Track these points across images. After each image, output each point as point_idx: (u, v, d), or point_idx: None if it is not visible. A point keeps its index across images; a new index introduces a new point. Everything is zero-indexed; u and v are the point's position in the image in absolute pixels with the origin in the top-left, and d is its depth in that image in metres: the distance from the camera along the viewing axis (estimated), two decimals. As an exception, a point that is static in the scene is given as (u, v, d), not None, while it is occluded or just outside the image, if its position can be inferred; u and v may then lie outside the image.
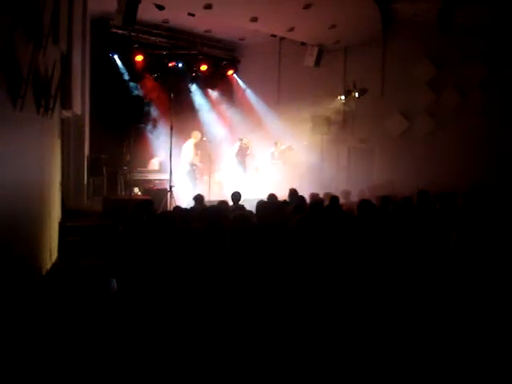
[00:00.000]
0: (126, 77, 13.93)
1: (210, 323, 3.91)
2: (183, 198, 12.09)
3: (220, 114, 15.89)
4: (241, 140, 14.06)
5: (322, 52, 14.46)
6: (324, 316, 3.73)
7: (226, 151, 14.68)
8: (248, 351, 3.64)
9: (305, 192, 9.26)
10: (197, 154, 12.98)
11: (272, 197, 8.24)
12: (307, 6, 11.63)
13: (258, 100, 15.83)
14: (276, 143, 14.58)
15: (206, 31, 14.56)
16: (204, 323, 3.93)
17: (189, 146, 12.76)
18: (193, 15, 12.21)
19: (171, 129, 11.62)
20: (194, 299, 4.17)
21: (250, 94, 16.09)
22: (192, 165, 12.61)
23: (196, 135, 13.09)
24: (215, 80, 15.96)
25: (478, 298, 3.34)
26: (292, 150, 14.60)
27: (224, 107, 16.10)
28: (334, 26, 13.15)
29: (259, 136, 15.02)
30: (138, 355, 3.91)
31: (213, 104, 15.95)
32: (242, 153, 13.97)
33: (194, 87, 15.45)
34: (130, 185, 12.06)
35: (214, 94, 16.08)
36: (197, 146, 13.04)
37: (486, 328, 3.14)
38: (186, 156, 12.62)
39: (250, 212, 6.95)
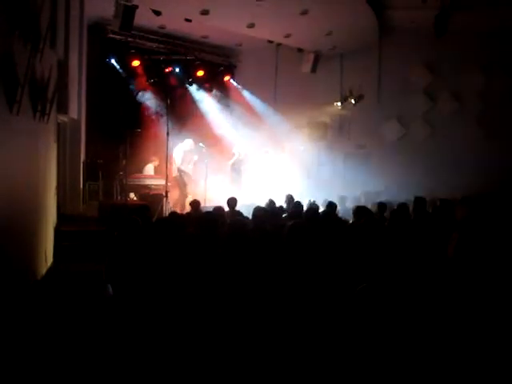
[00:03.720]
0: (123, 82, 13.92)
1: (204, 328, 3.90)
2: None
3: (216, 120, 15.87)
4: (237, 151, 14.07)
5: (318, 58, 14.50)
6: (319, 322, 3.73)
7: (223, 157, 14.67)
8: (241, 356, 3.63)
9: (301, 198, 9.27)
10: (187, 161, 12.90)
11: (271, 203, 8.24)
12: (304, 13, 11.67)
13: (254, 105, 15.83)
14: (267, 151, 14.63)
15: (202, 37, 14.58)
16: (199, 328, 3.92)
17: (178, 151, 12.70)
18: (189, 21, 12.23)
19: (167, 134, 11.60)
20: (190, 304, 4.16)
21: (246, 99, 16.08)
22: (179, 170, 12.53)
23: (187, 143, 13.01)
24: (212, 85, 15.97)
25: (476, 304, 3.33)
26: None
27: (220, 113, 16.10)
28: (330, 33, 13.19)
29: (255, 140, 15.04)
30: (133, 360, 3.89)
31: (209, 109, 15.95)
32: (239, 163, 14.01)
33: (192, 91, 15.45)
34: (125, 190, 12.03)
35: (210, 99, 16.07)
36: (187, 152, 12.95)
37: (486, 333, 3.14)
38: (175, 161, 12.56)
39: (247, 218, 6.96)
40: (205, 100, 15.87)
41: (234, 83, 16.23)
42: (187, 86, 15.28)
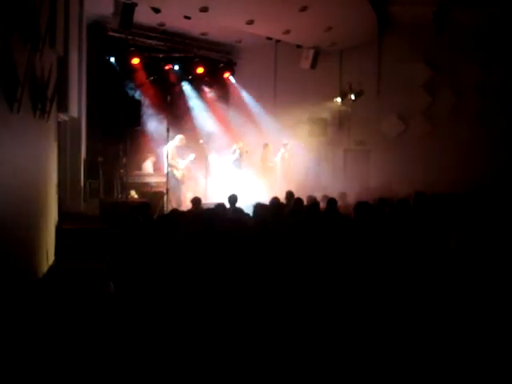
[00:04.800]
0: (123, 80, 13.91)
1: (206, 324, 3.91)
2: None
3: (217, 117, 15.86)
4: (238, 146, 14.05)
5: (318, 54, 14.49)
6: (320, 317, 3.74)
7: (223, 153, 14.66)
8: (242, 351, 3.64)
9: (301, 194, 9.27)
10: (179, 156, 12.84)
11: (275, 200, 8.19)
12: (303, 9, 11.66)
13: (254, 102, 15.81)
14: (266, 144, 14.62)
15: (202, 34, 14.55)
16: (201, 324, 3.93)
17: (169, 147, 12.62)
18: (189, 18, 12.22)
19: (168, 131, 11.61)
20: (191, 301, 4.17)
21: (246, 96, 16.06)
22: (170, 166, 12.44)
23: (178, 139, 12.92)
24: (212, 82, 15.95)
25: (476, 298, 3.35)
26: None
27: (220, 109, 16.08)
28: (329, 29, 13.18)
29: (255, 138, 15.02)
30: (134, 358, 3.90)
31: (209, 106, 15.93)
32: (239, 159, 14.00)
33: (189, 89, 15.40)
34: (126, 188, 12.03)
35: (210, 96, 16.05)
36: (178, 148, 12.87)
37: (486, 329, 3.15)
38: (164, 157, 12.47)
39: (248, 215, 6.97)
40: (204, 97, 15.85)
41: (234, 80, 16.21)
42: (185, 83, 15.25)
